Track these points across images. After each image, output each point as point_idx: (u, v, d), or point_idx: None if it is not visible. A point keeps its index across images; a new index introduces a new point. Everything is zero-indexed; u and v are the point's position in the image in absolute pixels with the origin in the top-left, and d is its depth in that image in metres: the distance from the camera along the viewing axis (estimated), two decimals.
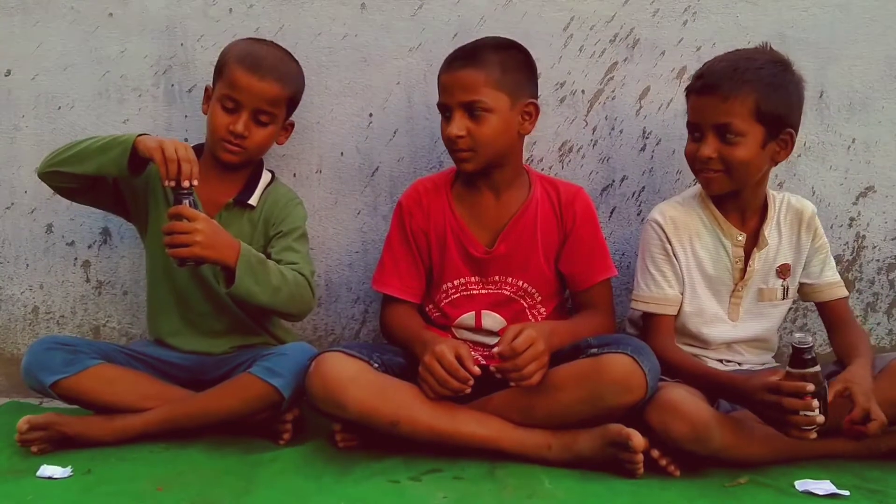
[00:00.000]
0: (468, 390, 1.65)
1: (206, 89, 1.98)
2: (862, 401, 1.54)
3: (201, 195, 1.83)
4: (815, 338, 2.09)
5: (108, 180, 1.91)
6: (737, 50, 1.86)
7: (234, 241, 1.76)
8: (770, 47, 1.82)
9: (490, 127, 1.81)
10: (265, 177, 2.02)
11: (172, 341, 1.98)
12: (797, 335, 1.52)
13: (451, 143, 1.83)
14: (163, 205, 1.94)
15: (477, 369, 1.65)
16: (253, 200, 1.96)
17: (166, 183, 1.70)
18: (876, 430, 1.54)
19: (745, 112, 1.73)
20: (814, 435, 1.51)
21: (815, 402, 1.49)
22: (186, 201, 1.70)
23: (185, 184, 1.69)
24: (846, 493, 1.51)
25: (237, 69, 1.88)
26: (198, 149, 1.94)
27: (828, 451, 1.67)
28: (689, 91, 1.82)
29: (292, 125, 2.03)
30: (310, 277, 1.89)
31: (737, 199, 1.86)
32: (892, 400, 1.62)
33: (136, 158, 1.75)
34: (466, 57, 1.84)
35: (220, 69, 1.94)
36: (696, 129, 1.81)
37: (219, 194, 1.94)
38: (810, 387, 1.49)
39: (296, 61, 2.01)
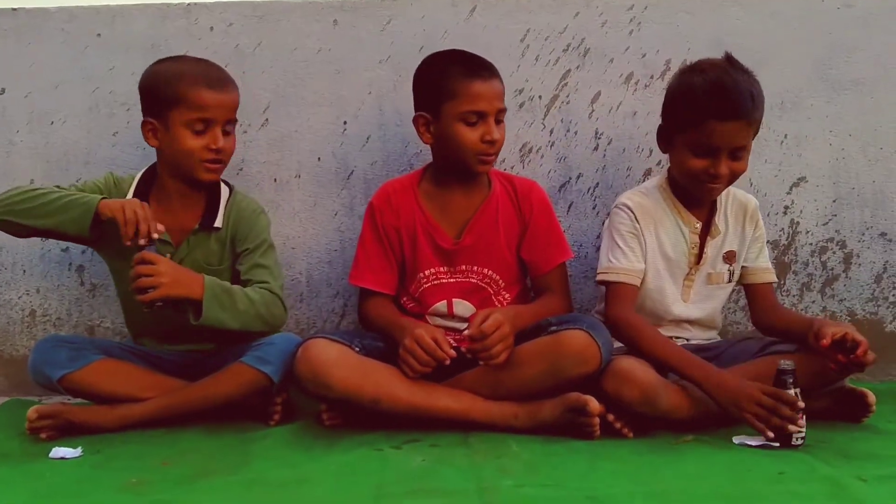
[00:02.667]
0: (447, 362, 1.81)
1: (149, 123, 1.97)
2: (862, 339, 1.73)
3: (166, 223, 1.92)
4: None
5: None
6: (720, 65, 1.92)
7: (196, 275, 1.87)
8: (735, 58, 1.95)
9: (504, 130, 2.02)
10: (224, 193, 2.07)
11: (160, 350, 2.08)
12: (782, 361, 1.72)
13: (486, 148, 1.97)
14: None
15: (452, 351, 1.81)
16: (218, 222, 2.02)
17: (127, 242, 1.80)
18: (871, 361, 1.75)
19: (754, 131, 1.92)
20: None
21: (803, 421, 1.70)
22: (149, 248, 1.82)
23: (142, 242, 1.80)
24: (776, 444, 1.70)
25: (202, 91, 1.93)
26: (150, 173, 2.03)
27: None
28: (709, 116, 1.85)
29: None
30: (279, 292, 1.98)
31: (705, 199, 2.03)
32: (816, 371, 1.80)
33: (97, 220, 1.84)
34: (489, 68, 2.01)
35: (173, 98, 1.93)
36: (709, 149, 1.88)
37: (184, 220, 2.02)
38: (801, 403, 1.68)
39: None
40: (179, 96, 1.93)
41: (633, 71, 2.34)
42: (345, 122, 2.34)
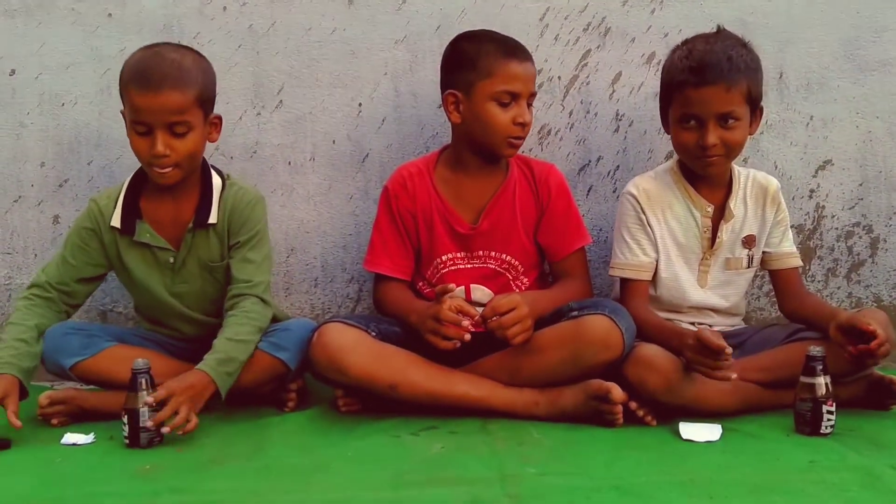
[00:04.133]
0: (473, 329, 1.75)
1: (122, 113, 1.90)
2: (881, 331, 1.67)
3: (162, 219, 1.90)
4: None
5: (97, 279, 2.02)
6: (704, 36, 1.94)
7: (201, 375, 1.74)
8: (726, 29, 1.95)
9: (533, 116, 1.99)
10: (216, 185, 1.97)
11: (172, 335, 2.06)
12: (812, 347, 1.69)
13: (517, 130, 1.94)
14: (124, 256, 1.98)
15: (476, 311, 1.76)
16: (212, 219, 1.94)
17: None
18: (886, 353, 1.70)
19: (741, 98, 1.86)
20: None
21: (832, 408, 1.67)
22: (143, 380, 1.69)
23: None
24: (714, 439, 1.66)
25: (132, 91, 1.81)
26: (139, 175, 1.96)
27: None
28: (685, 84, 1.86)
29: (219, 118, 1.95)
30: (261, 293, 1.90)
31: (706, 174, 1.98)
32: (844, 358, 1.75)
33: None
34: (525, 50, 1.99)
35: (121, 93, 1.87)
36: (693, 119, 1.88)
37: (179, 214, 1.95)
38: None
39: (194, 55, 1.91)
40: (122, 93, 1.87)
41: (656, 51, 2.28)
42: (360, 104, 2.30)
